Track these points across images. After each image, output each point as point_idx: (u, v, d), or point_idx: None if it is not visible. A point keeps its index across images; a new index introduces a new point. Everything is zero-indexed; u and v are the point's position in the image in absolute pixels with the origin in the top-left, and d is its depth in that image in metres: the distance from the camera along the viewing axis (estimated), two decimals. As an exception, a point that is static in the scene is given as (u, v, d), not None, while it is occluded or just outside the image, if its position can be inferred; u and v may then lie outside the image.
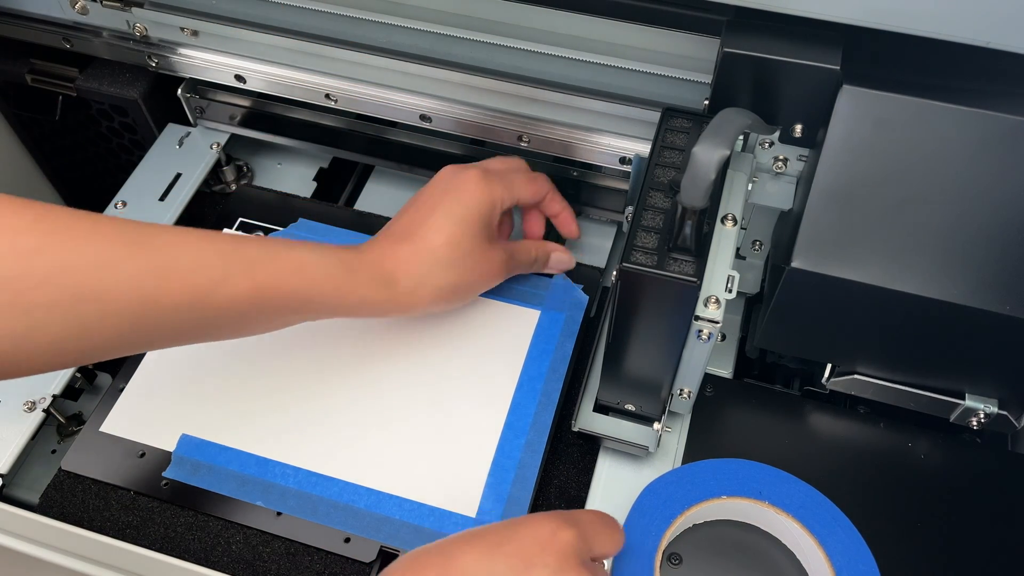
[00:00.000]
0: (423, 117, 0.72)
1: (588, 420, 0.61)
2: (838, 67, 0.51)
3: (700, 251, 0.49)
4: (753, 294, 0.69)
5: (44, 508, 0.60)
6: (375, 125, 0.79)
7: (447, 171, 0.63)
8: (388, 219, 0.75)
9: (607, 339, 0.55)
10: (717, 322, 0.51)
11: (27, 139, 0.88)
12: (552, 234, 0.71)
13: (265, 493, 0.60)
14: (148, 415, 0.64)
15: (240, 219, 0.75)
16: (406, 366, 0.66)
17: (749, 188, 0.57)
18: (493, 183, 0.62)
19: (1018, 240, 0.50)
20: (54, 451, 0.65)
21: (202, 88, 0.80)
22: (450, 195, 0.61)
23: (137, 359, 0.66)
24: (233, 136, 0.81)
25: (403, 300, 0.59)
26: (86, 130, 0.85)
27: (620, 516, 0.58)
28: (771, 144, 0.60)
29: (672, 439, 0.63)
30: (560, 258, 0.69)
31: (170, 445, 0.62)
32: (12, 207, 0.46)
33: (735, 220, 0.54)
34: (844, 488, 0.60)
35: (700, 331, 0.52)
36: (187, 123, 0.81)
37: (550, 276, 0.71)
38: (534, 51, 0.65)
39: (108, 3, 0.73)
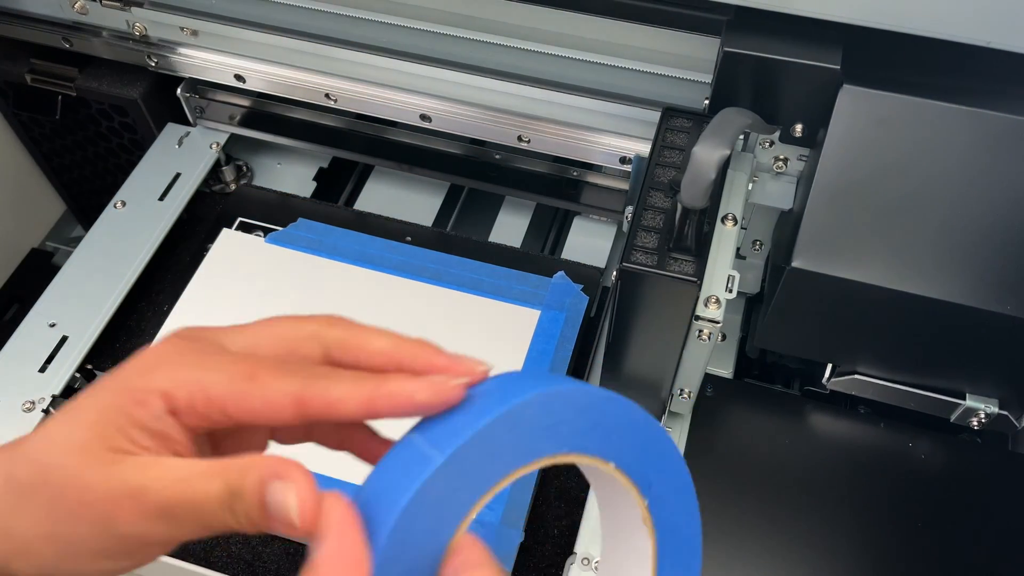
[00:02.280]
0: (423, 117, 0.72)
1: (588, 420, 0.61)
2: (838, 67, 0.51)
3: (700, 251, 0.49)
4: (753, 294, 0.69)
5: (44, 508, 0.60)
6: (375, 125, 0.79)
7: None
8: (389, 219, 0.76)
9: (607, 339, 0.55)
10: (717, 322, 0.51)
11: (27, 139, 0.88)
12: None
13: (265, 493, 0.60)
14: (148, 415, 0.64)
15: (240, 219, 0.75)
16: (406, 366, 0.66)
17: (749, 188, 0.57)
18: (159, 367, 0.31)
19: (1018, 240, 0.50)
20: (54, 451, 0.65)
21: (202, 88, 0.80)
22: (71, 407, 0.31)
23: (137, 359, 0.66)
24: (233, 136, 0.81)
25: None
26: (86, 130, 0.85)
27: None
28: (771, 144, 0.60)
29: (672, 439, 0.63)
30: (279, 495, 0.29)
31: (170, 445, 0.62)
32: None
33: (735, 220, 0.54)
34: (845, 488, 0.60)
35: (700, 331, 0.52)
36: (187, 123, 0.81)
37: (549, 276, 0.71)
38: (534, 51, 0.65)
39: (108, 3, 0.73)
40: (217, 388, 0.30)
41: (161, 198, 0.76)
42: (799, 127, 0.55)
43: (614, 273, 0.51)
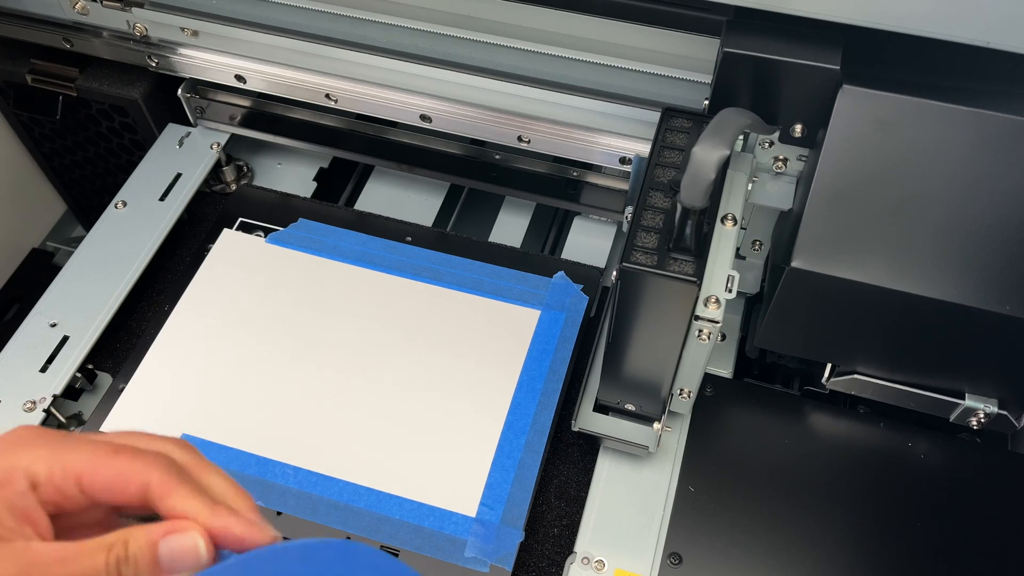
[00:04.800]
0: (423, 117, 0.72)
1: (588, 420, 0.61)
2: (838, 67, 0.51)
3: (700, 251, 0.49)
4: (753, 294, 0.69)
5: (44, 508, 0.60)
6: (375, 125, 0.79)
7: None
8: (389, 219, 0.76)
9: (607, 339, 0.55)
10: (717, 322, 0.51)
11: (27, 139, 0.88)
12: None
13: (265, 493, 0.60)
14: (148, 415, 0.64)
15: (240, 219, 0.75)
16: (406, 366, 0.66)
17: (749, 188, 0.57)
18: (20, 447, 0.34)
19: (1018, 240, 0.50)
20: (54, 451, 0.65)
21: (202, 88, 0.80)
22: None
23: (137, 359, 0.66)
24: (233, 136, 0.81)
25: None
26: (86, 130, 0.85)
27: (621, 515, 0.58)
28: (771, 144, 0.60)
29: (672, 439, 0.63)
30: (175, 547, 0.33)
31: (170, 445, 0.62)
32: None
33: (735, 220, 0.54)
34: (844, 488, 0.60)
35: (700, 331, 0.52)
36: (187, 123, 0.81)
37: (550, 276, 0.71)
38: (534, 51, 0.65)
39: (108, 3, 0.73)
40: (76, 461, 0.33)
41: (162, 198, 0.76)
42: (799, 127, 0.55)
43: (614, 273, 0.51)
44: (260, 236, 0.74)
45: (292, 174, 0.84)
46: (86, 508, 0.34)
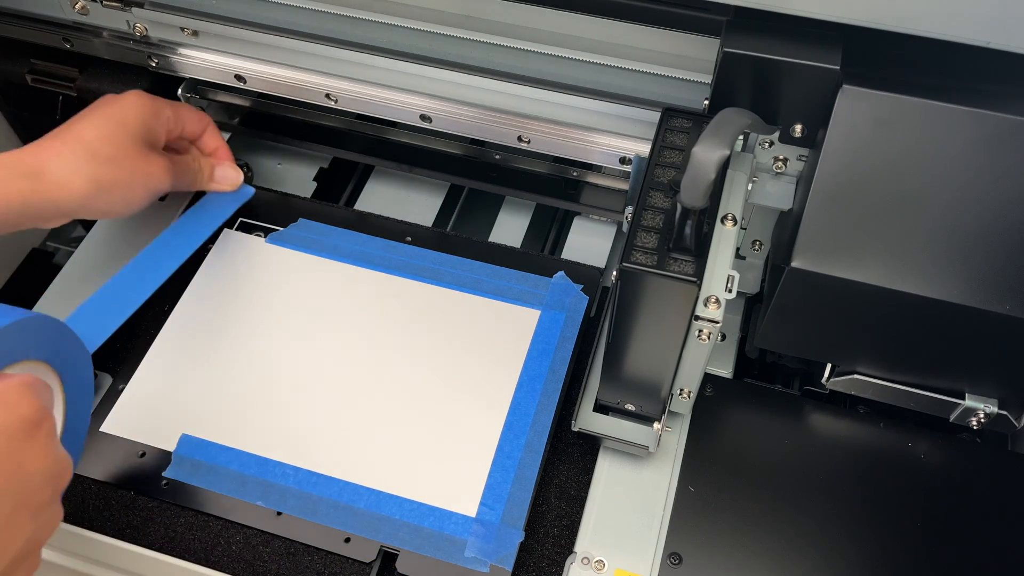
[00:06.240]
0: (423, 117, 0.72)
1: (588, 420, 0.61)
2: (838, 67, 0.51)
3: (700, 251, 0.49)
4: (753, 294, 0.69)
5: (44, 508, 0.60)
6: (375, 125, 0.79)
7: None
8: (389, 219, 0.76)
9: (607, 339, 0.55)
10: (717, 322, 0.51)
11: (27, 139, 0.88)
12: None
13: (265, 493, 0.60)
14: (148, 415, 0.64)
15: (240, 219, 0.75)
16: (406, 366, 0.66)
17: (749, 188, 0.57)
18: (156, 98, 0.65)
19: (1018, 240, 0.50)
20: (54, 451, 0.65)
21: (202, 88, 0.80)
22: (107, 102, 0.63)
23: (137, 359, 0.66)
24: (233, 136, 0.81)
25: (52, 192, 0.57)
26: (86, 130, 0.85)
27: (621, 516, 0.58)
28: (771, 144, 0.60)
29: (672, 439, 0.63)
30: (225, 174, 0.71)
31: (170, 445, 0.62)
32: None
33: (735, 220, 0.54)
34: (844, 488, 0.60)
35: (700, 331, 0.52)
36: (187, 123, 0.81)
37: (550, 276, 0.71)
38: (534, 51, 0.65)
39: (108, 3, 0.73)
40: (177, 107, 0.68)
41: (162, 198, 0.76)
42: (799, 127, 0.55)
43: (614, 273, 0.51)
44: (260, 236, 0.74)
45: (292, 174, 0.84)
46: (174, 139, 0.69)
